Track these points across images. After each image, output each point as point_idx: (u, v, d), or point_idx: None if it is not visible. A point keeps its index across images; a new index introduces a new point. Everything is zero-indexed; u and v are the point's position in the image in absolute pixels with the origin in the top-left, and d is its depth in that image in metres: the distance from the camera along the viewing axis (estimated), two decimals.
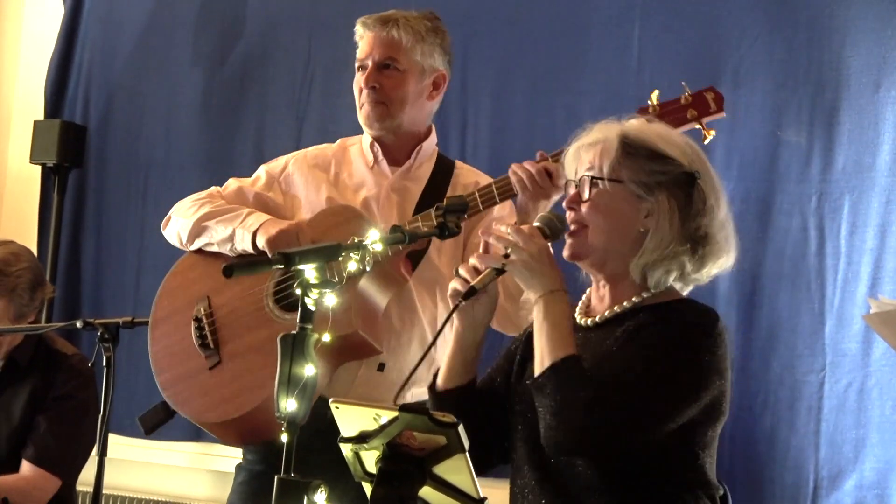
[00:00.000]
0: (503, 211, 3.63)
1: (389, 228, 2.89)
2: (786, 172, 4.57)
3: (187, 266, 3.85)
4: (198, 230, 3.76)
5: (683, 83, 3.39)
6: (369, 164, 3.77)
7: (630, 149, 2.81)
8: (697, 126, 3.36)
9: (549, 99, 5.03)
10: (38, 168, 6.14)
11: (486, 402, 2.92)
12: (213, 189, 3.87)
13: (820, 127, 4.53)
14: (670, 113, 3.36)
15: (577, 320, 2.92)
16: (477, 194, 3.51)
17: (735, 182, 4.63)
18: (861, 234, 4.43)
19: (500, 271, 2.77)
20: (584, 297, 2.96)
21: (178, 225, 3.81)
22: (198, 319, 3.71)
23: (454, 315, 2.86)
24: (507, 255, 2.75)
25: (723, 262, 2.84)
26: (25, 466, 4.29)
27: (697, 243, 2.80)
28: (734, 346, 4.47)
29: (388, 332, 3.60)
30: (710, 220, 2.81)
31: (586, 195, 2.82)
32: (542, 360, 2.71)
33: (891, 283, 4.35)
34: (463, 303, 2.78)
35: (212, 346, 3.66)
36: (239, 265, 2.83)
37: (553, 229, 2.84)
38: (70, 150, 5.99)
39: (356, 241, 2.67)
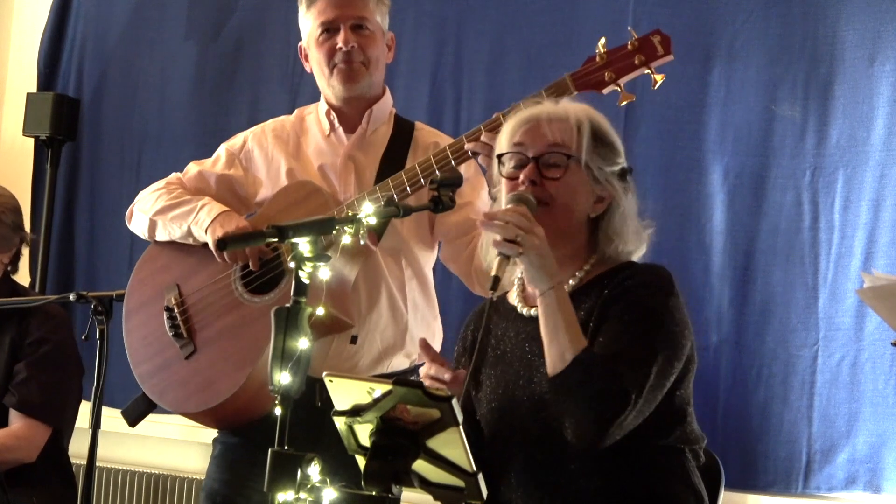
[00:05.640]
0: (468, 171, 3.56)
1: (384, 202, 2.88)
2: (780, 147, 4.57)
3: (154, 255, 3.86)
4: (154, 227, 3.80)
5: (630, 28, 3.36)
6: (325, 132, 3.76)
7: (597, 135, 2.88)
8: (647, 71, 3.34)
9: (543, 73, 4.98)
10: (31, 141, 6.13)
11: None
12: (173, 176, 3.88)
13: (814, 101, 4.52)
14: (618, 60, 3.33)
15: (518, 309, 2.93)
16: (433, 159, 3.47)
17: (729, 157, 4.63)
18: (855, 208, 4.42)
19: (507, 257, 2.73)
20: (515, 282, 2.97)
21: (138, 220, 3.84)
22: (169, 309, 3.71)
23: None
24: (516, 242, 2.70)
25: (643, 250, 2.97)
26: (13, 417, 4.30)
27: (638, 231, 2.93)
28: (727, 321, 4.54)
29: (358, 305, 3.59)
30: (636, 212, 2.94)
31: (555, 174, 2.84)
32: (561, 355, 2.69)
33: (884, 257, 4.35)
34: (494, 294, 2.74)
35: (185, 335, 3.67)
36: (233, 238, 2.84)
37: (532, 207, 2.80)
38: (63, 122, 5.97)
39: (350, 214, 2.67)
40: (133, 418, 3.78)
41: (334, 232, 2.65)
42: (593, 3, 4.93)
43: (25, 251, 4.66)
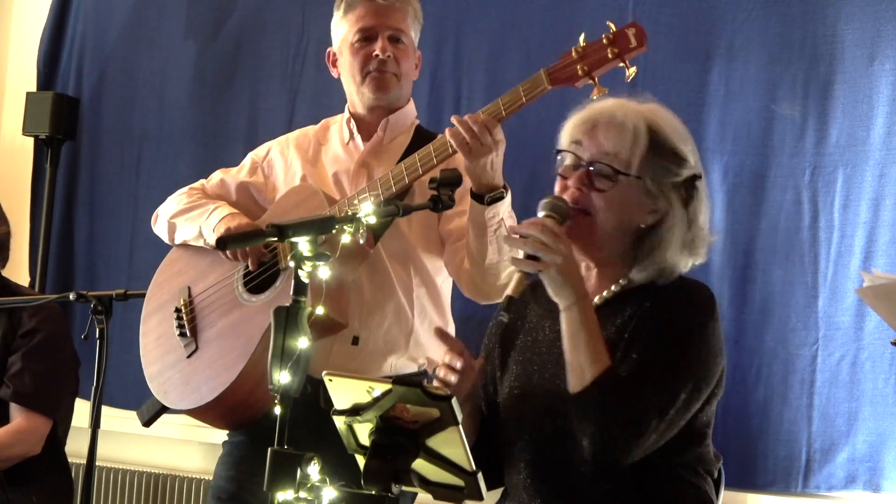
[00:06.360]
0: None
1: (384, 201, 2.88)
2: (779, 146, 4.57)
3: (173, 260, 3.89)
4: (171, 228, 3.84)
5: (609, 22, 3.36)
6: (345, 140, 3.77)
7: (656, 145, 2.77)
8: (622, 64, 3.34)
9: None
10: (31, 140, 6.13)
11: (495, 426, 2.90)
12: (198, 182, 3.91)
13: (814, 100, 4.52)
14: (593, 53, 3.34)
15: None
16: (417, 159, 3.46)
17: (729, 156, 4.63)
18: (854, 207, 4.42)
19: (528, 274, 2.68)
20: None
21: (160, 224, 3.88)
22: (177, 310, 3.74)
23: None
24: (536, 258, 2.64)
25: (699, 260, 2.84)
26: (12, 411, 4.32)
27: (692, 243, 2.79)
28: (727, 319, 4.54)
29: (362, 306, 3.60)
30: (703, 220, 2.81)
31: (604, 185, 2.76)
32: (582, 374, 2.64)
33: (884, 256, 4.35)
34: (505, 315, 2.69)
35: (189, 334, 3.70)
36: (232, 238, 2.84)
37: (563, 215, 2.73)
38: (63, 122, 5.97)
39: (350, 213, 2.67)
40: (147, 419, 3.81)
41: (334, 231, 2.65)
42: (593, 2, 4.93)
43: (22, 249, 4.66)
